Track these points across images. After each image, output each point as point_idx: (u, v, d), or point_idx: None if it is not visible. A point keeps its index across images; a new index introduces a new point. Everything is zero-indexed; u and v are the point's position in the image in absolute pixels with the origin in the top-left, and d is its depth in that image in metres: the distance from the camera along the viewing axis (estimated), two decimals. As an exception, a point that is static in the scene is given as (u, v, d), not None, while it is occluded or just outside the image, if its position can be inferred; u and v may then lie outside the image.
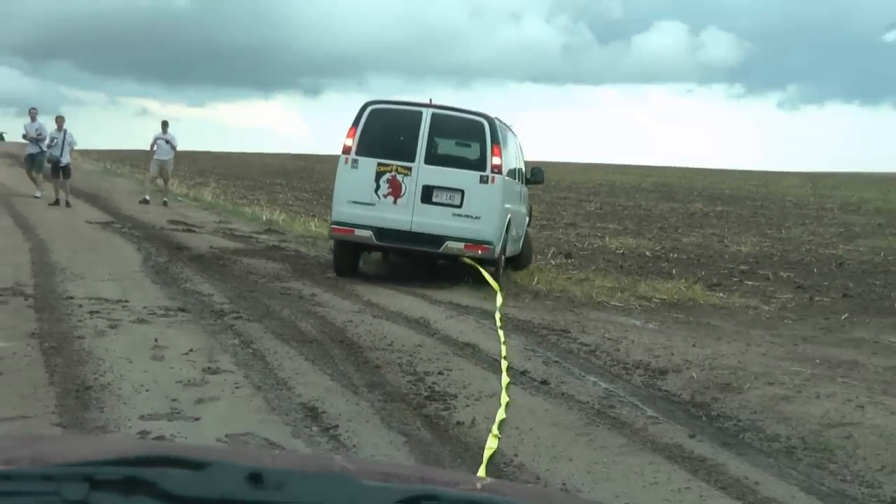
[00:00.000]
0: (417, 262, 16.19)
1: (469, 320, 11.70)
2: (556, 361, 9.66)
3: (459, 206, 14.39)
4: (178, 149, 28.25)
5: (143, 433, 6.44)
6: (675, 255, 23.21)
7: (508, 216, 15.12)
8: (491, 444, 6.50)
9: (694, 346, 10.82)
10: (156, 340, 9.32)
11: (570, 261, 20.67)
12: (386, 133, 14.90)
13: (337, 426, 6.91)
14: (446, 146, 15.10)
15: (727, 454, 6.86)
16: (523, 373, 9.05)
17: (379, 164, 14.50)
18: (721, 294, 16.47)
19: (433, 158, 14.63)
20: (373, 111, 14.82)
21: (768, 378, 8.88)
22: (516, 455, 6.52)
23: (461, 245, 14.33)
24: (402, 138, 14.77)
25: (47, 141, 25.84)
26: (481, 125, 14.61)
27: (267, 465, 1.73)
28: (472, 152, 14.80)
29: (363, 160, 14.54)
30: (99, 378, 7.81)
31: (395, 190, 14.48)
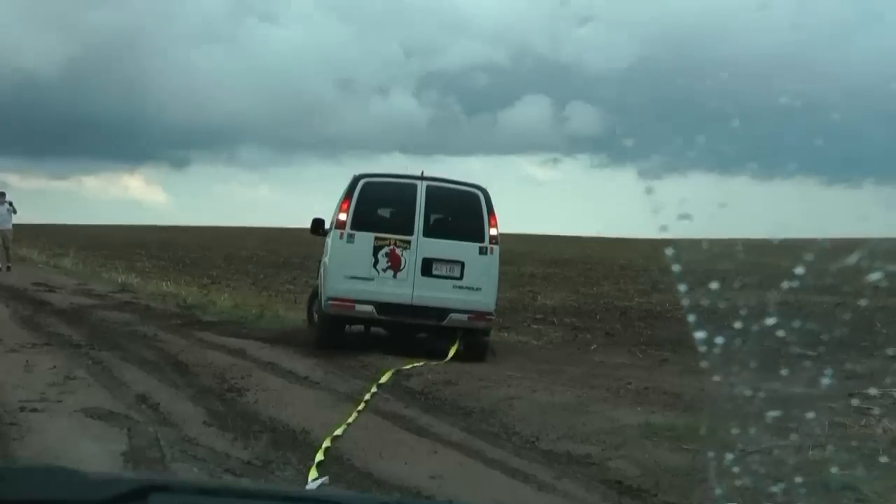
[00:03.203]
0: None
1: (277, 348, 14.87)
2: (333, 372, 12.92)
3: (460, 278, 14.45)
4: (38, 222, 30.62)
5: (23, 408, 9.42)
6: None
7: None
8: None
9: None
10: (27, 362, 12.28)
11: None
12: (381, 206, 15.08)
13: (159, 403, 10.06)
14: (443, 218, 15.05)
15: (426, 416, 10.22)
16: (306, 377, 12.29)
17: (376, 238, 14.45)
18: (505, 334, 19.96)
19: (431, 231, 14.64)
20: (365, 184, 14.73)
21: (475, 377, 12.33)
22: (283, 417, 9.76)
23: (465, 317, 14.40)
24: (398, 211, 14.89)
25: None
26: (477, 196, 14.72)
27: None
28: (469, 224, 14.72)
29: (360, 234, 14.44)
30: (-14, 383, 10.76)
31: (395, 263, 14.45)
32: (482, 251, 14.51)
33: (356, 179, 14.80)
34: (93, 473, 1.83)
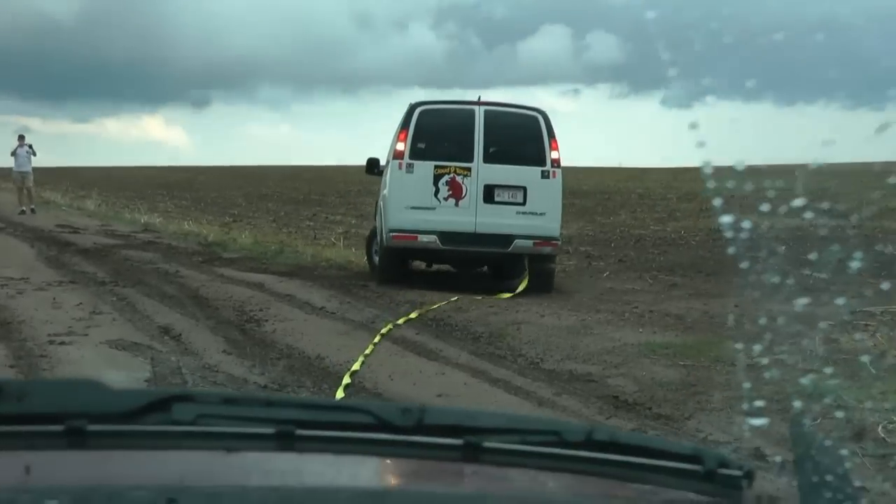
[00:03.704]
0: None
1: (296, 281, 15.31)
2: (349, 302, 13.35)
3: (523, 204, 14.26)
4: (60, 164, 31.29)
5: (52, 341, 9.89)
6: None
7: None
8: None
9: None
10: (54, 299, 12.75)
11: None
12: (439, 134, 14.67)
13: (181, 335, 10.52)
14: (503, 143, 14.60)
15: (435, 341, 10.65)
16: (321, 308, 12.73)
17: (436, 167, 14.27)
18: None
19: (491, 157, 14.39)
20: (422, 112, 14.49)
21: (485, 303, 12.75)
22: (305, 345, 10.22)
23: (531, 243, 14.22)
24: (456, 138, 14.54)
25: None
26: (536, 119, 14.44)
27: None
28: (529, 148, 14.43)
29: (419, 164, 14.26)
30: (15, 319, 11.24)
31: (456, 191, 14.25)
32: (544, 175, 14.30)
33: (412, 108, 14.55)
34: (117, 387, 1.86)
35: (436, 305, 12.63)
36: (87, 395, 1.75)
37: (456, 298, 13.12)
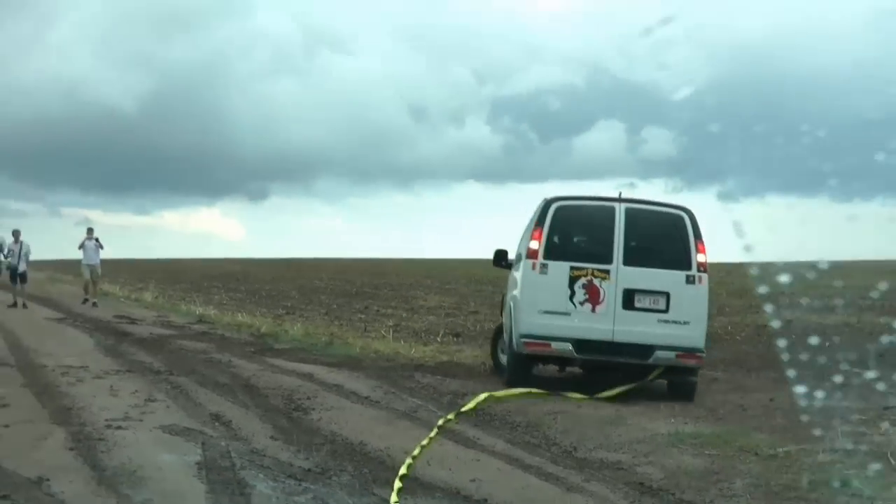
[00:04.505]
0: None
1: (344, 372, 15.81)
2: (393, 392, 13.81)
3: (665, 311, 13.34)
4: (118, 256, 32.22)
5: (109, 426, 10.44)
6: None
7: None
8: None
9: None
10: (111, 387, 13.35)
11: (457, 338, 24.82)
12: (576, 233, 14.14)
13: (231, 421, 11.03)
14: (645, 244, 13.87)
15: (473, 429, 11.05)
16: (367, 397, 13.19)
17: (572, 269, 13.47)
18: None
19: (632, 259, 13.56)
20: (558, 208, 13.74)
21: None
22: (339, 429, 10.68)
23: (673, 355, 13.29)
24: (595, 238, 13.86)
25: (5, 251, 29.72)
26: (682, 219, 13.52)
27: None
28: (674, 250, 13.59)
29: (553, 264, 13.50)
30: (75, 405, 11.82)
31: (594, 296, 13.42)
32: (689, 280, 13.37)
33: (548, 203, 13.82)
34: None
35: (482, 397, 13.03)
36: None
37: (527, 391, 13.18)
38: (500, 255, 15.66)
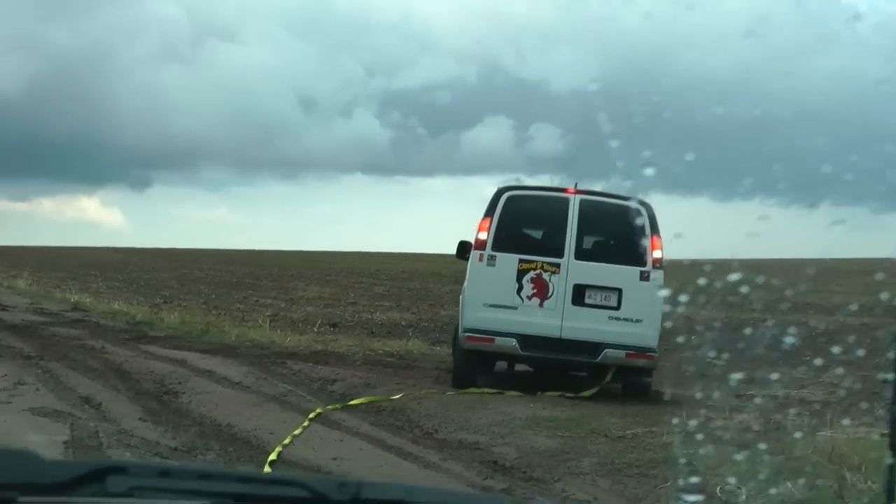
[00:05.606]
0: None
1: (217, 358, 15.99)
2: (264, 378, 14.08)
3: (617, 308, 12.84)
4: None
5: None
6: (426, 325, 27.94)
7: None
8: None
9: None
10: (-20, 371, 13.32)
11: (334, 328, 25.09)
12: (526, 224, 13.72)
13: (101, 404, 11.19)
14: (598, 238, 13.53)
15: (338, 412, 11.40)
16: (238, 383, 13.44)
17: (521, 261, 12.93)
18: (437, 348, 21.13)
19: (584, 253, 13.07)
20: (509, 198, 13.15)
21: (394, 381, 13.55)
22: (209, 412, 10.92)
23: (622, 353, 12.73)
24: (546, 230, 13.52)
25: None
26: (638, 212, 12.77)
27: None
28: (628, 244, 13.04)
29: (501, 256, 12.94)
30: (-58, 387, 11.82)
31: (541, 290, 12.86)
32: (643, 276, 12.78)
33: (499, 192, 13.26)
34: (50, 458, 1.78)
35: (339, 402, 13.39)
36: (19, 466, 1.71)
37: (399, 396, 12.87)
38: (464, 247, 14.16)
